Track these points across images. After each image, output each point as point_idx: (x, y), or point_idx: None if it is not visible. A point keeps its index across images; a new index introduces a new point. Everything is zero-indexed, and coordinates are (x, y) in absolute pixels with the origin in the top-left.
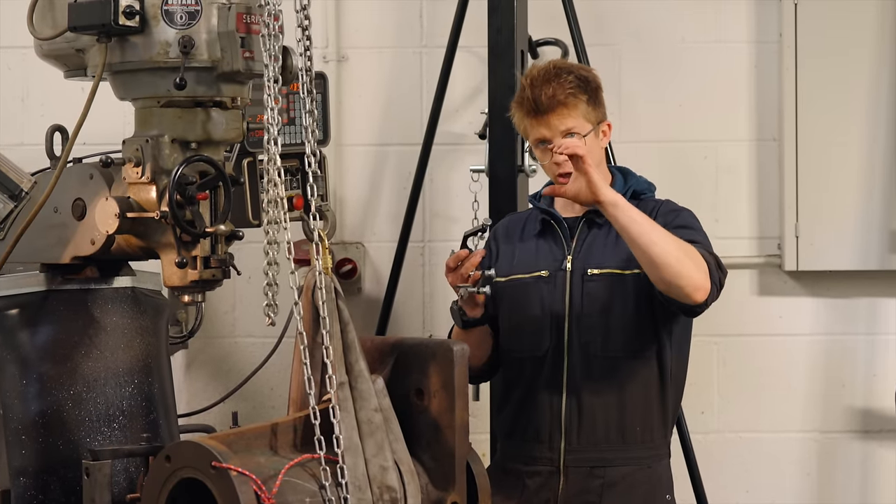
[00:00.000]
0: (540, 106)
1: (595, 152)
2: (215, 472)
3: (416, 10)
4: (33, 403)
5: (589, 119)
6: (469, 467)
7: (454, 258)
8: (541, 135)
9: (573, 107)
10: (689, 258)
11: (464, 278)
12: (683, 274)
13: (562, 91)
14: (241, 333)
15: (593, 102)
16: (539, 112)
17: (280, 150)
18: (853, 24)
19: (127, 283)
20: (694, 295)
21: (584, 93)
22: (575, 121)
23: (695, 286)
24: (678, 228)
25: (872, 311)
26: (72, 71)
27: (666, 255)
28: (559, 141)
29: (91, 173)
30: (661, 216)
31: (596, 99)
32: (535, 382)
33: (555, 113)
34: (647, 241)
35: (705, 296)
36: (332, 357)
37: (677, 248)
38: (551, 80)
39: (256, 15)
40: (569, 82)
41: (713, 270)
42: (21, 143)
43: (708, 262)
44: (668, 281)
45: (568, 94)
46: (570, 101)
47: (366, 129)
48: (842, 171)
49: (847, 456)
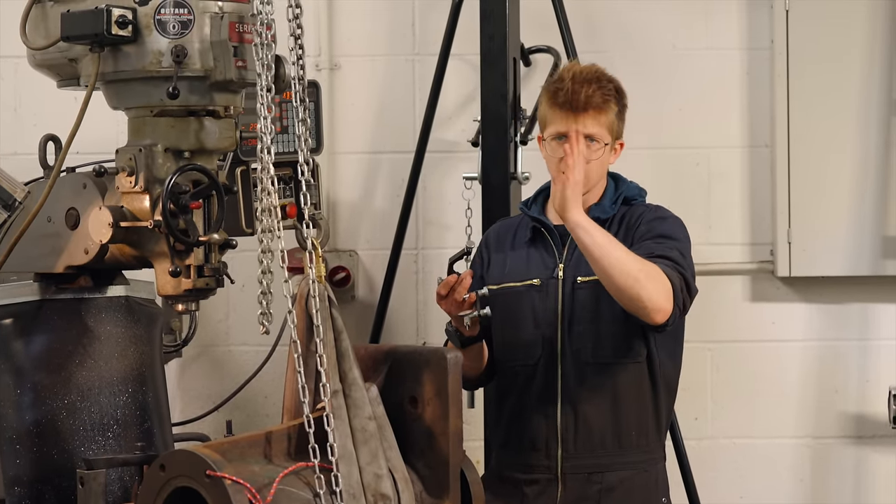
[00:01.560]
0: (577, 102)
1: (602, 163)
2: (210, 480)
3: (408, 18)
4: (28, 413)
5: (612, 130)
6: (463, 475)
7: (444, 285)
8: (565, 128)
9: (605, 113)
10: (650, 280)
11: (458, 304)
12: (643, 296)
13: (600, 95)
14: (235, 342)
15: (620, 116)
16: (573, 107)
17: (273, 159)
18: (844, 30)
19: (121, 292)
20: (654, 316)
21: (617, 104)
22: (600, 128)
23: (655, 308)
24: (658, 238)
25: (865, 317)
26: (65, 80)
27: (625, 277)
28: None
29: (84, 183)
30: (645, 223)
31: (622, 113)
32: (529, 391)
33: (587, 113)
34: (606, 263)
35: (665, 318)
36: (326, 365)
37: (639, 269)
38: (593, 82)
39: (249, 24)
40: (608, 89)
41: (677, 292)
42: (14, 152)
43: (673, 283)
44: (627, 302)
45: (605, 99)
46: (604, 106)
47: (359, 137)
48: (834, 177)
49: (840, 461)
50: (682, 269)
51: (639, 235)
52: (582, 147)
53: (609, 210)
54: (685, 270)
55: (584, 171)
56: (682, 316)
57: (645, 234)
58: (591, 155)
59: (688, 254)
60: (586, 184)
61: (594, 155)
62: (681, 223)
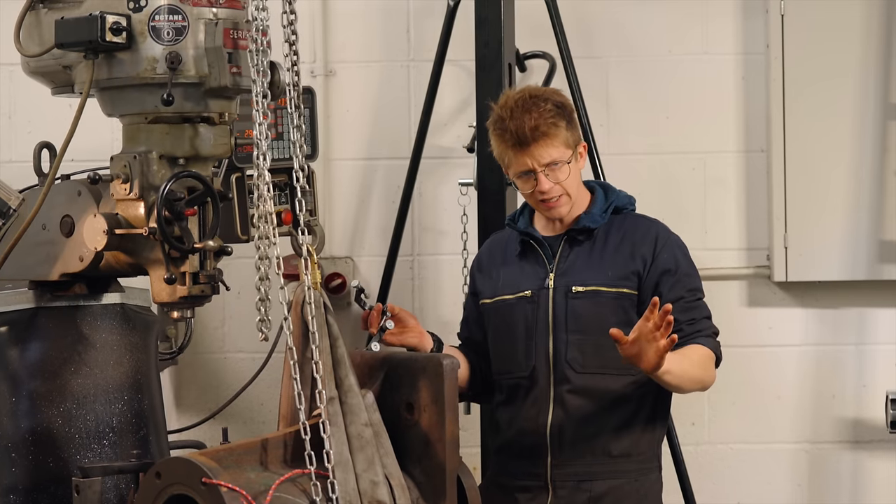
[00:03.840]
0: (523, 138)
1: (575, 175)
2: (206, 488)
3: (403, 24)
4: (23, 420)
5: (568, 144)
6: (459, 481)
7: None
8: (525, 166)
9: (554, 136)
10: (708, 372)
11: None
12: (705, 386)
13: (543, 121)
14: (231, 349)
15: (571, 127)
16: (522, 144)
17: (269, 166)
18: (840, 35)
19: (116, 299)
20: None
21: (563, 119)
22: (557, 150)
23: (708, 387)
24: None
25: (862, 322)
26: (59, 88)
27: (695, 385)
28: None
29: (79, 190)
30: (668, 259)
31: (572, 122)
32: (523, 399)
33: (538, 144)
34: (683, 384)
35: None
36: (322, 372)
37: (701, 371)
38: (531, 110)
39: (244, 30)
40: (547, 111)
41: (718, 357)
42: (9, 160)
43: (716, 352)
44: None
45: (550, 123)
46: (551, 130)
47: (354, 144)
48: (830, 182)
49: (837, 466)
50: (714, 328)
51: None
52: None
53: (599, 219)
54: (714, 326)
55: (563, 189)
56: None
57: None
58: (559, 176)
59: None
60: (570, 201)
61: (561, 175)
62: (686, 250)
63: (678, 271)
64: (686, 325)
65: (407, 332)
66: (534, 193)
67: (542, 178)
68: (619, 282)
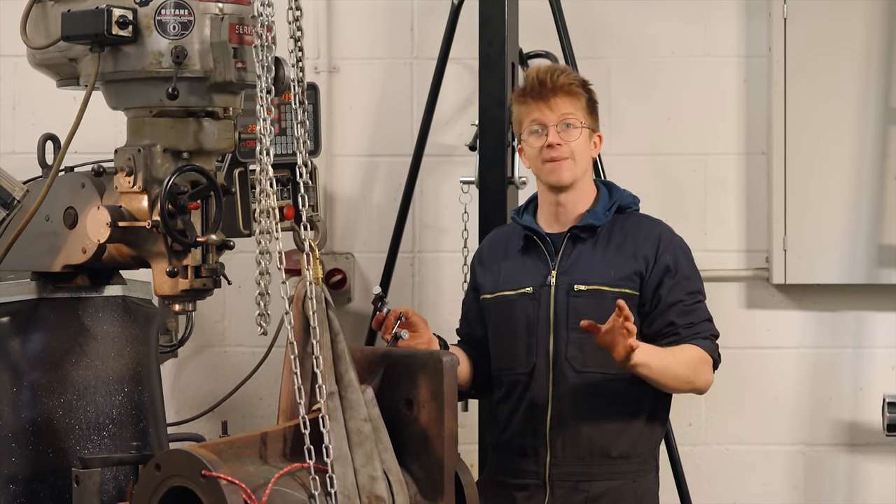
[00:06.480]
0: (545, 87)
1: (585, 156)
2: (205, 480)
3: (407, 21)
4: (24, 411)
5: (587, 116)
6: (457, 477)
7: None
8: (540, 116)
9: (576, 97)
10: (700, 374)
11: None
12: (697, 388)
13: (568, 81)
14: (231, 343)
15: (591, 107)
16: (542, 93)
17: (272, 161)
18: (842, 38)
19: (118, 291)
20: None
21: (585, 93)
22: (575, 111)
23: (703, 390)
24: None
25: (859, 325)
26: (64, 80)
27: (681, 383)
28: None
29: (83, 182)
30: (669, 259)
31: (593, 106)
32: (523, 397)
33: (557, 96)
34: (665, 383)
35: (708, 387)
36: (322, 367)
37: (690, 371)
38: (561, 72)
39: (249, 26)
40: (576, 79)
41: (716, 360)
42: (13, 151)
43: (713, 355)
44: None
45: (572, 84)
46: (574, 90)
47: (356, 140)
48: (830, 185)
49: (834, 469)
50: (713, 331)
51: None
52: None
53: (602, 217)
54: (713, 328)
55: (571, 152)
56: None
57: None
58: (571, 136)
59: (703, 291)
60: (575, 168)
61: (573, 136)
62: (689, 252)
63: (678, 273)
64: (683, 329)
65: (417, 339)
66: (542, 151)
67: (553, 132)
68: (621, 282)
